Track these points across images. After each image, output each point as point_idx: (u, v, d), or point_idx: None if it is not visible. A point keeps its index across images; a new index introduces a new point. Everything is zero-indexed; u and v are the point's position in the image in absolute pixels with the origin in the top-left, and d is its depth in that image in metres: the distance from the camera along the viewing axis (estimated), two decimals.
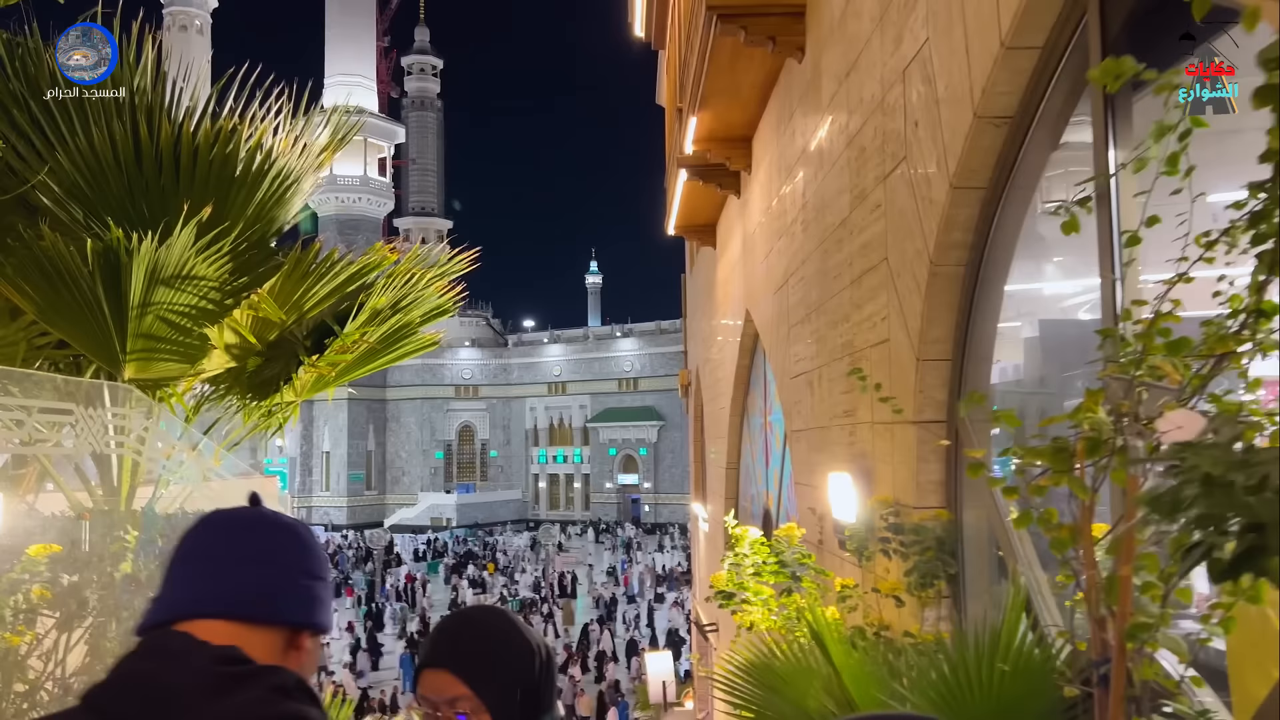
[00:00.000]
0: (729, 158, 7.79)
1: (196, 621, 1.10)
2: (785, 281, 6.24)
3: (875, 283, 4.08)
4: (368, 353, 3.44)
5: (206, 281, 2.87)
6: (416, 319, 3.54)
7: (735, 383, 9.44)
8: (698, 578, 15.25)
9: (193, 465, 3.13)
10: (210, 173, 2.87)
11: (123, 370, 2.90)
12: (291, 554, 1.20)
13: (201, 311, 2.92)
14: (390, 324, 3.43)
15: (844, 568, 4.51)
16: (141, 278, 2.73)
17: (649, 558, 47.95)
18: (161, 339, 2.90)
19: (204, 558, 1.16)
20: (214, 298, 2.93)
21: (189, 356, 2.97)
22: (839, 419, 4.76)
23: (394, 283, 3.45)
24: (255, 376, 3.25)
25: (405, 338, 3.55)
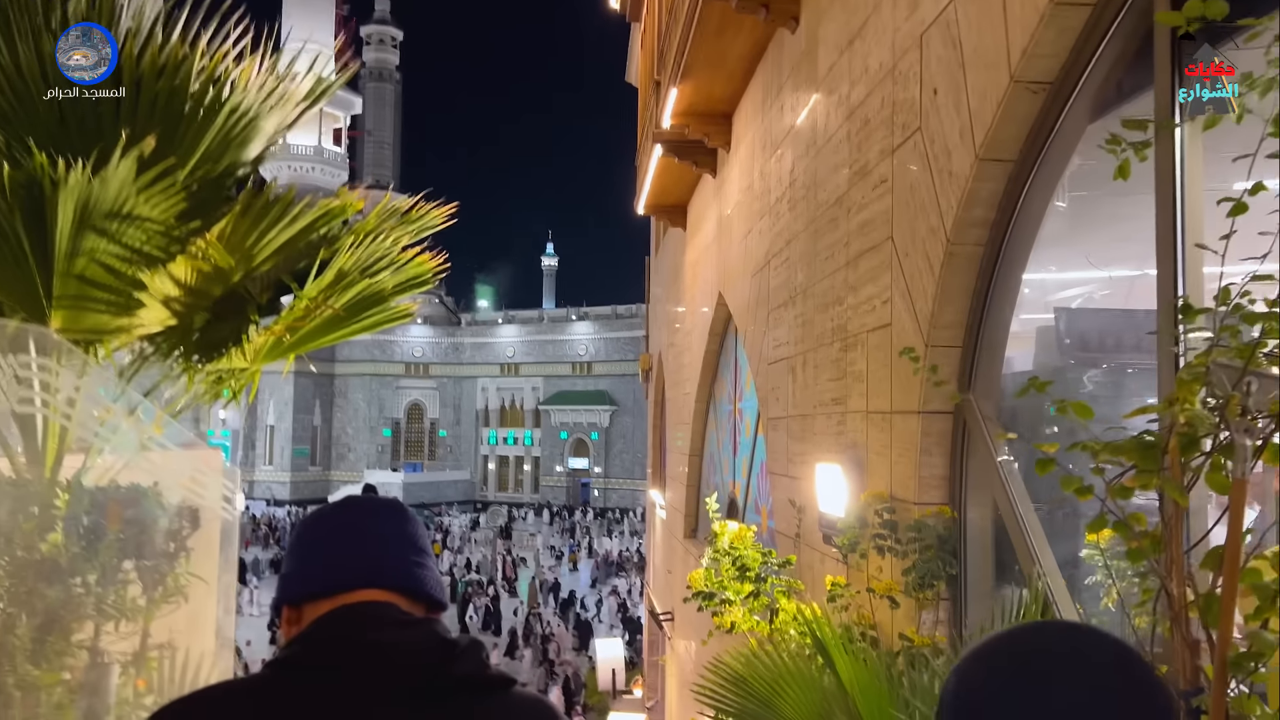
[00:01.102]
0: (708, 134, 7.51)
1: (367, 591, 1.19)
2: (766, 263, 5.99)
3: (876, 263, 3.84)
4: (332, 320, 3.09)
5: (149, 223, 2.51)
6: (389, 287, 3.20)
7: (703, 368, 9.20)
8: (652, 564, 15.05)
9: (130, 432, 2.77)
10: (156, 102, 2.51)
11: (49, 320, 2.54)
12: (426, 539, 1.30)
13: (142, 256, 2.56)
14: (358, 289, 3.09)
15: (826, 563, 4.29)
16: (71, 214, 2.36)
17: (598, 543, 47.77)
18: (95, 284, 2.54)
19: (365, 535, 1.24)
20: (157, 243, 2.57)
21: (126, 307, 2.61)
22: (826, 407, 4.52)
23: (362, 241, 3.11)
24: (202, 337, 2.89)
25: (374, 306, 3.20)
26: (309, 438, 72.14)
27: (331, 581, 1.19)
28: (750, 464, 7.35)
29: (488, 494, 72.40)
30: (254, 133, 2.73)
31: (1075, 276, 4.32)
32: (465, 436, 74.34)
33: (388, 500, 1.32)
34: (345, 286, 3.04)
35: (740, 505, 7.77)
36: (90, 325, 2.62)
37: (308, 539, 1.27)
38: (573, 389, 70.24)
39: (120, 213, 2.45)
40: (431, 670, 1.12)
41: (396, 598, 1.20)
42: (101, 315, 2.62)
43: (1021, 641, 0.89)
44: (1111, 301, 3.93)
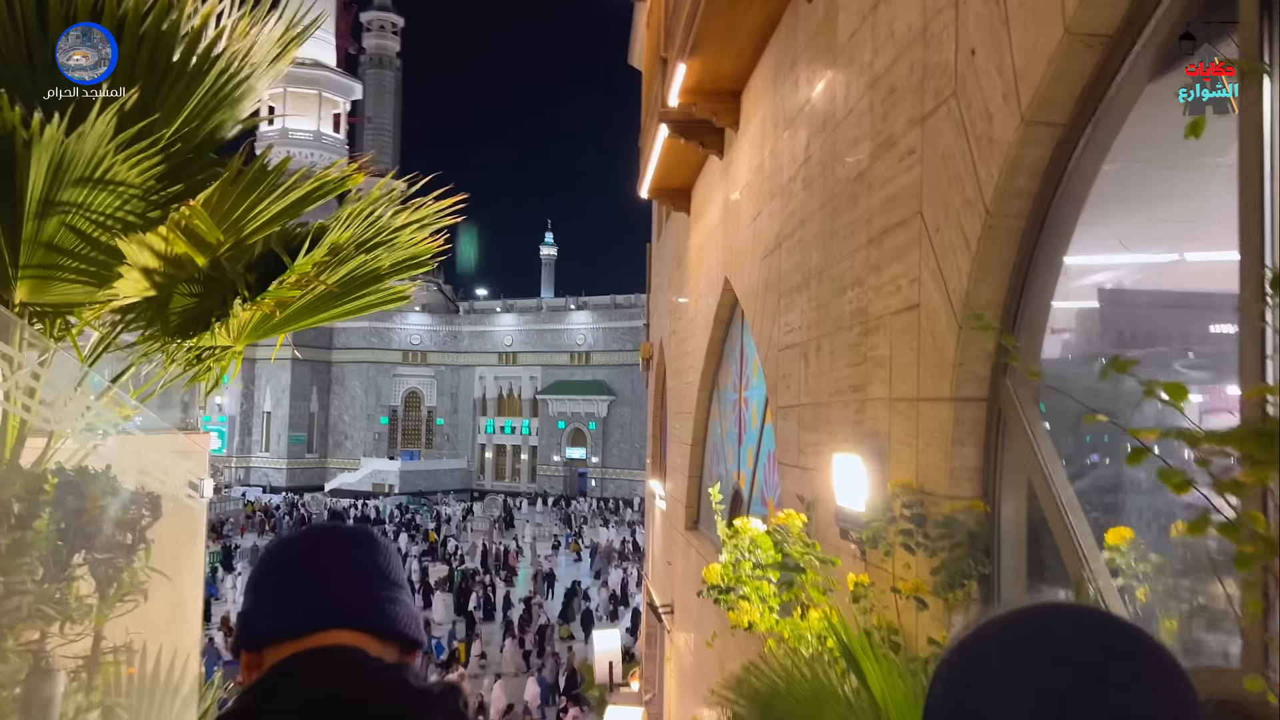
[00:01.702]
0: (715, 113, 7.25)
1: (333, 632, 1.10)
2: (777, 246, 5.75)
3: (902, 241, 3.60)
4: (324, 298, 2.85)
5: (127, 187, 2.27)
6: (385, 266, 2.95)
7: (707, 355, 8.95)
8: (651, 556, 14.84)
9: (100, 417, 2.53)
10: (140, 52, 2.26)
11: (13, 290, 2.29)
12: (399, 570, 1.20)
13: (119, 223, 2.31)
14: (352, 266, 2.84)
15: (844, 560, 4.05)
16: (43, 174, 2.12)
17: (594, 533, 47.60)
18: (66, 253, 2.29)
19: (332, 570, 1.15)
20: (136, 208, 2.33)
21: (99, 279, 2.36)
22: (843, 394, 4.29)
23: (358, 217, 2.86)
24: (183, 312, 2.65)
25: (369, 285, 2.96)
26: (306, 425, 71.90)
27: (294, 622, 1.09)
28: (756, 454, 7.12)
29: (485, 483, 72.21)
30: (246, 91, 2.48)
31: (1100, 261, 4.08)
32: (463, 425, 74.12)
33: (356, 529, 1.22)
34: (340, 262, 2.79)
35: (745, 496, 7.54)
36: (58, 297, 2.38)
37: (269, 573, 1.17)
38: (571, 379, 69.99)
39: (96, 174, 2.21)
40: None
41: (366, 639, 1.10)
42: (71, 286, 2.38)
43: (1024, 633, 0.75)
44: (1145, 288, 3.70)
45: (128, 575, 2.09)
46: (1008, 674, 0.72)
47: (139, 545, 2.15)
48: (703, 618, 8.25)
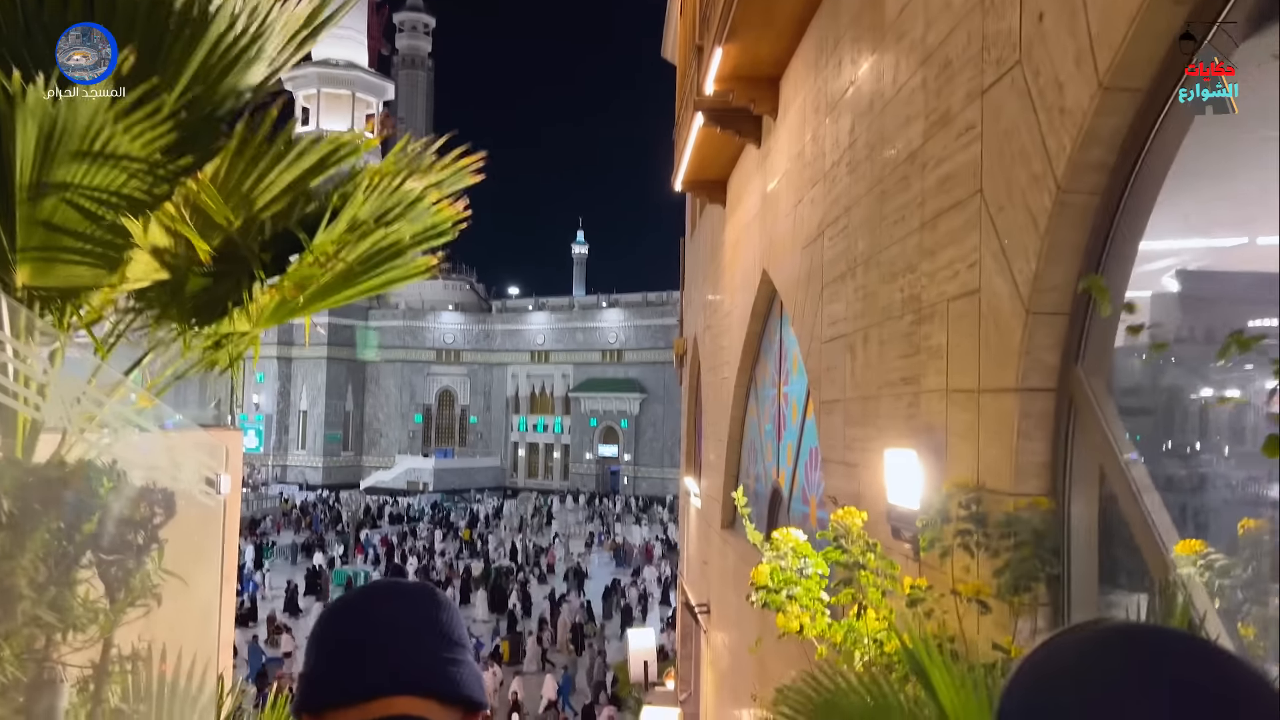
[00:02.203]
0: (753, 100, 7.05)
1: (396, 699, 1.07)
2: (819, 234, 5.55)
3: (960, 222, 3.39)
4: (345, 275, 2.70)
5: (130, 159, 2.13)
6: (407, 238, 2.80)
7: (744, 350, 8.76)
8: (686, 555, 14.67)
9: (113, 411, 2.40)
10: (136, 6, 2.12)
11: (14, 273, 2.17)
12: (462, 627, 1.16)
13: (123, 199, 2.18)
14: (373, 240, 2.69)
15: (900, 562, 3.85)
16: (33, 143, 1.99)
17: (627, 531, 47.49)
18: (67, 231, 2.16)
19: (391, 631, 1.11)
20: (141, 182, 2.19)
21: (105, 260, 2.23)
22: (894, 387, 4.08)
23: (377, 188, 2.71)
24: (198, 296, 2.52)
25: (391, 259, 2.80)
26: (341, 423, 72.59)
27: (356, 688, 1.07)
28: (797, 451, 6.91)
29: (517, 480, 72.44)
30: (256, 55, 2.34)
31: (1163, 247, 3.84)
32: (495, 423, 74.41)
33: (417, 586, 1.20)
34: (360, 237, 2.64)
35: (785, 495, 7.34)
36: (62, 281, 2.25)
37: (330, 634, 1.14)
38: (603, 376, 69.98)
39: (95, 144, 2.07)
40: None
41: (429, 704, 1.07)
42: (76, 269, 2.25)
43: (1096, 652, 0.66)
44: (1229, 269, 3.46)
45: (138, 579, 1.95)
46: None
47: (150, 546, 2.01)
48: (741, 617, 8.06)
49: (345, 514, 50.79)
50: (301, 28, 2.54)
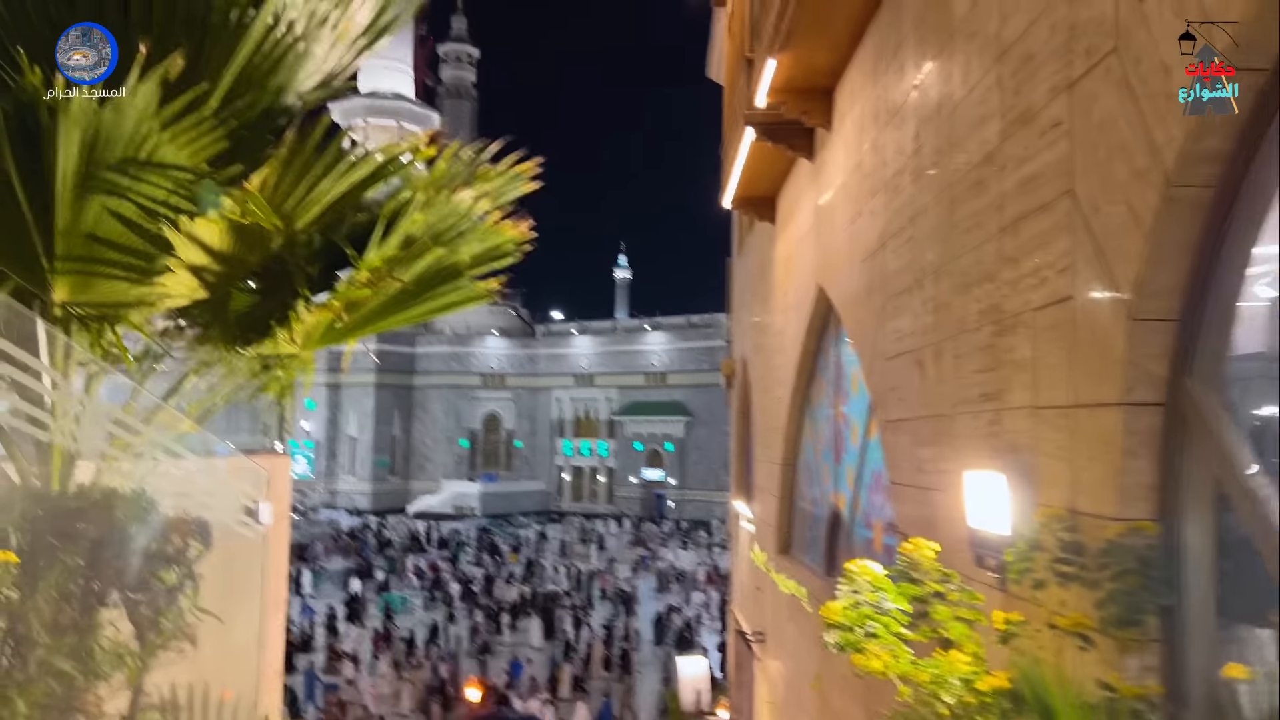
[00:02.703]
0: (806, 111, 6.87)
1: None
2: (881, 246, 5.32)
3: (1047, 226, 3.16)
4: (398, 297, 2.55)
5: (176, 169, 2.01)
6: (465, 259, 2.65)
7: (798, 370, 8.52)
8: (738, 581, 14.35)
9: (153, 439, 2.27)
10: (177, 6, 2.00)
11: (51, 287, 2.05)
12: None
13: (168, 209, 2.06)
14: (429, 260, 2.55)
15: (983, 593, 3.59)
16: (76, 151, 1.87)
17: (674, 556, 47.02)
18: (108, 244, 2.04)
19: None
20: (187, 192, 2.07)
21: (147, 274, 2.11)
22: (971, 405, 3.84)
23: (433, 201, 2.57)
24: (242, 315, 2.39)
25: (448, 281, 2.65)
26: (389, 448, 73.22)
27: None
28: (858, 474, 6.65)
29: (563, 504, 72.31)
30: (304, 59, 2.21)
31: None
32: (540, 447, 74.49)
33: None
34: (413, 256, 2.49)
35: (846, 519, 7.06)
36: (103, 296, 2.13)
37: None
38: (647, 399, 69.75)
39: (140, 150, 1.95)
40: None
41: None
42: (116, 284, 2.13)
43: None
44: None
45: (171, 618, 1.79)
46: None
47: (185, 582, 1.85)
48: (799, 648, 7.77)
49: (391, 541, 51.04)
50: (360, 35, 2.42)
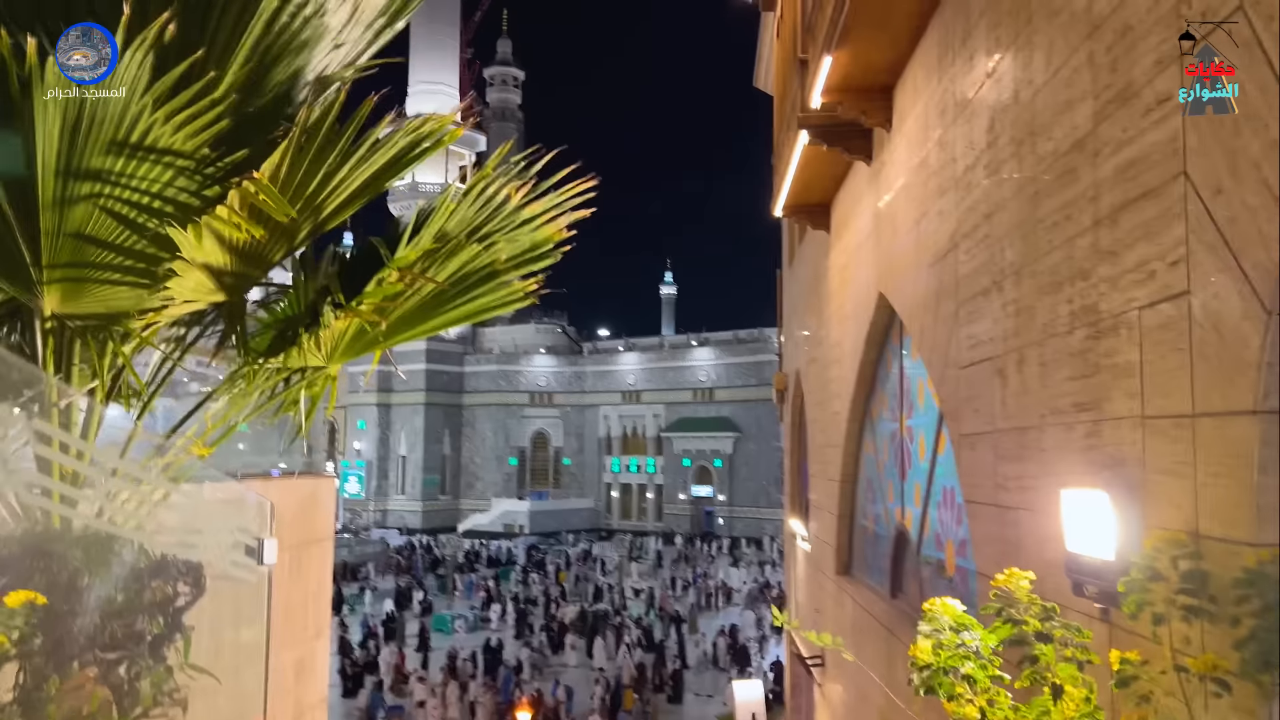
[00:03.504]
0: (864, 111, 6.55)
1: None
2: (952, 247, 4.98)
3: (1154, 214, 2.82)
4: (433, 301, 2.31)
5: (175, 155, 1.79)
6: (503, 259, 2.40)
7: (857, 382, 8.15)
8: (794, 601, 13.92)
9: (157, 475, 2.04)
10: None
11: (40, 297, 1.84)
12: None
13: (168, 203, 1.84)
14: (465, 258, 2.30)
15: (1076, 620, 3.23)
16: (57, 133, 1.66)
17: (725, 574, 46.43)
18: (104, 245, 1.83)
19: None
20: (189, 183, 1.85)
21: (149, 277, 1.89)
22: (1064, 415, 3.49)
23: (470, 196, 2.33)
24: (264, 323, 2.16)
25: (485, 282, 2.40)
26: (439, 467, 73.73)
27: None
28: (926, 490, 6.27)
29: (611, 522, 72.04)
30: (320, 35, 1.98)
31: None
32: (589, 464, 74.41)
33: None
34: (449, 254, 2.25)
35: (914, 539, 6.68)
36: (99, 305, 1.90)
37: None
38: (694, 415, 69.32)
39: (132, 135, 1.73)
40: None
41: None
42: (114, 290, 1.90)
43: None
44: None
45: (152, 682, 1.52)
46: None
47: (173, 635, 1.60)
48: (862, 674, 7.37)
49: (444, 558, 51.20)
50: (378, 16, 2.19)
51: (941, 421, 5.83)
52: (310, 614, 7.51)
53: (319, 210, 2.00)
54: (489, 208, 2.38)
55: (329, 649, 8.14)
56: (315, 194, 1.96)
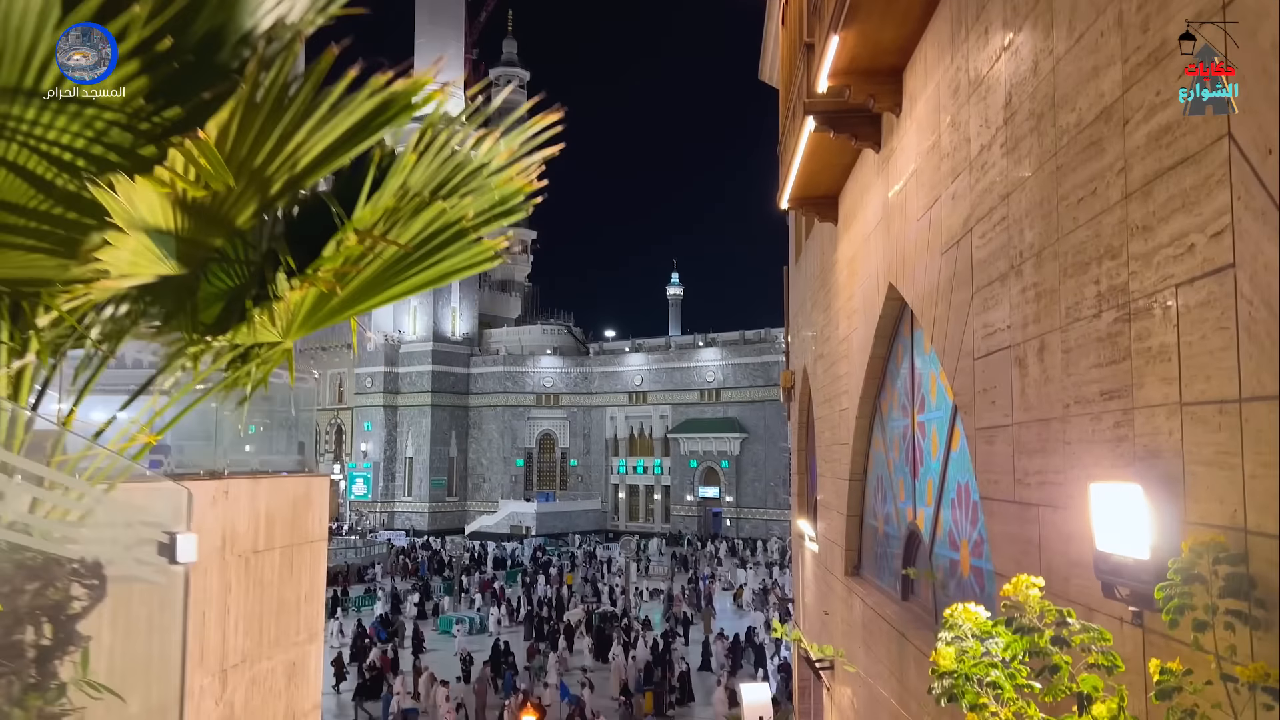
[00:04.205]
0: (873, 95, 6.32)
1: None
2: (966, 233, 4.75)
3: (1193, 182, 2.59)
4: (395, 264, 2.09)
5: (97, 106, 1.58)
6: (470, 215, 2.18)
7: (866, 377, 7.92)
8: (802, 603, 13.68)
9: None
10: None
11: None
12: None
13: (93, 160, 1.63)
14: (429, 216, 2.07)
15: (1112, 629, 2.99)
16: None
17: (730, 574, 46.14)
18: (12, 208, 1.61)
19: None
20: (117, 137, 1.64)
21: (67, 244, 1.67)
22: (1089, 405, 3.25)
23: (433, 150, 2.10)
24: (209, 295, 1.94)
25: (452, 242, 2.18)
26: (445, 468, 73.55)
27: None
28: (939, 488, 6.03)
29: (619, 523, 71.77)
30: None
31: None
32: (595, 466, 74.15)
33: None
34: (413, 213, 2.03)
35: (925, 538, 6.44)
36: (15, 271, 1.69)
37: None
38: (701, 416, 69.01)
39: (42, 78, 1.51)
40: None
41: None
42: (32, 259, 1.69)
43: None
44: None
45: (36, 701, 1.29)
46: None
47: (66, 647, 1.37)
48: (873, 677, 7.14)
49: (450, 560, 51.05)
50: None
51: (955, 416, 5.59)
52: (302, 616, 7.30)
53: (270, 180, 1.78)
54: (454, 160, 2.16)
55: (323, 654, 7.93)
56: (268, 159, 1.75)
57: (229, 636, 6.05)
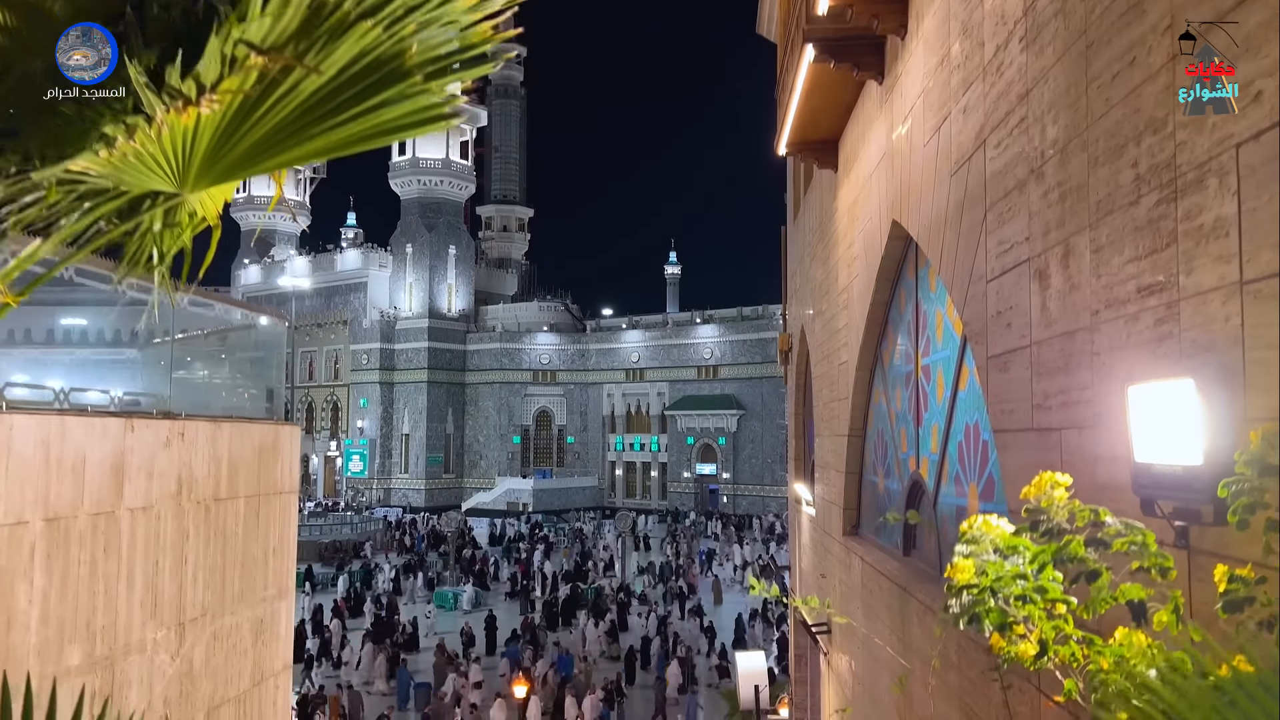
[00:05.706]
0: (877, 15, 5.92)
1: None
2: (979, 146, 4.37)
3: (1250, 27, 2.21)
4: (318, 102, 1.69)
5: None
6: (413, 53, 1.78)
7: (866, 326, 7.55)
8: (798, 569, 13.39)
9: None
10: None
11: None
12: None
13: None
14: (359, 46, 1.67)
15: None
16: None
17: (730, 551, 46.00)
18: None
19: None
20: None
21: None
22: (1123, 306, 2.88)
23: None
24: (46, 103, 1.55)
25: (392, 84, 1.78)
26: (442, 445, 73.28)
27: None
28: (945, 432, 5.68)
29: (616, 500, 71.63)
30: None
31: None
32: (592, 442, 73.93)
33: None
34: (331, 34, 1.62)
35: (929, 487, 6.09)
36: None
37: None
38: (699, 393, 68.73)
39: None
40: None
41: None
42: None
43: None
44: None
45: None
46: None
47: None
48: (871, 639, 6.81)
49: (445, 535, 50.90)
50: None
51: (964, 350, 5.23)
52: (270, 571, 6.95)
53: None
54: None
55: (294, 611, 7.60)
56: None
57: (186, 588, 5.71)
